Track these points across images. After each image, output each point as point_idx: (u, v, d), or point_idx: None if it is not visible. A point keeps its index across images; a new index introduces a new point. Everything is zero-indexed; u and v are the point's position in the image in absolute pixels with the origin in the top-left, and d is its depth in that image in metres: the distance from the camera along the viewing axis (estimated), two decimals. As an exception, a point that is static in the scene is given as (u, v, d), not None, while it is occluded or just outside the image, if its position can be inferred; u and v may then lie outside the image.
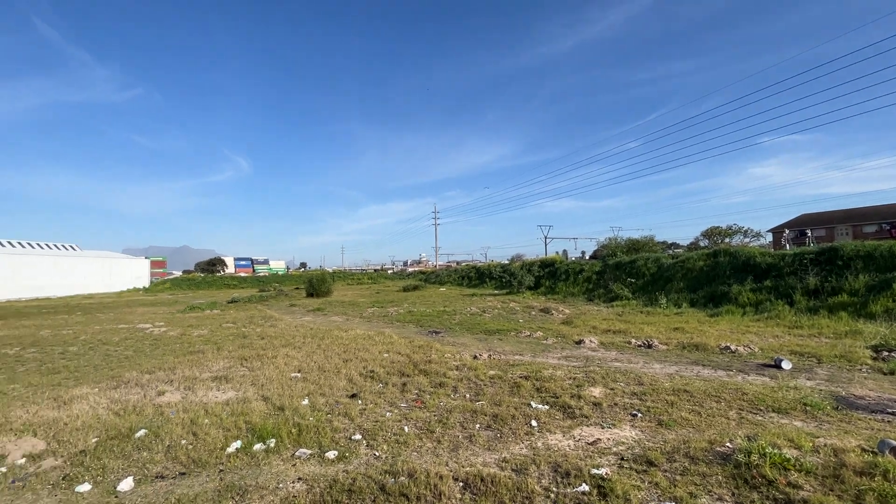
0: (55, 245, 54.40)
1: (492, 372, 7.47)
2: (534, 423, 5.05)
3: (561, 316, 16.13)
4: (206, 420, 5.36)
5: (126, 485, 3.86)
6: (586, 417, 5.21)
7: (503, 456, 4.21)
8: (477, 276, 40.81)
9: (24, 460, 4.47)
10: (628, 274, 22.93)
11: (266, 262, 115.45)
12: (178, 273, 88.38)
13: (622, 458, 4.04)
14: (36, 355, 10.44)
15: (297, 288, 39.96)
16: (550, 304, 20.33)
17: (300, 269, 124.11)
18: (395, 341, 10.64)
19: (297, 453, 4.42)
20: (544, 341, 10.90)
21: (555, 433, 4.78)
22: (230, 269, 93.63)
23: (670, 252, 30.68)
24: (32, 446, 4.77)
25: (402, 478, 3.73)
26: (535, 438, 4.64)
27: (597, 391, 6.21)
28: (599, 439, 4.53)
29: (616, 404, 5.66)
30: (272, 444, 4.60)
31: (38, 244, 51.75)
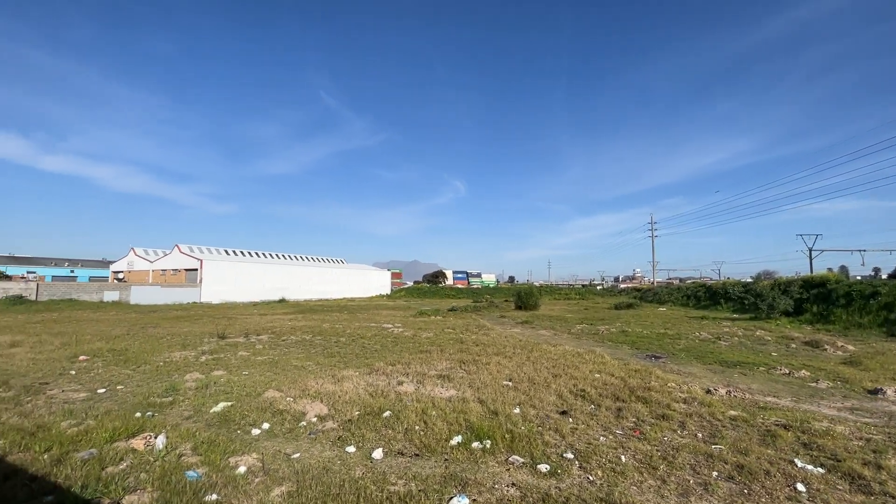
0: (330, 259, 71.90)
1: (732, 412, 6.18)
2: (800, 487, 3.93)
3: (840, 353, 12.19)
4: (434, 412, 6.10)
5: (378, 454, 4.73)
6: (893, 498, 3.75)
7: (754, 518, 3.41)
8: (707, 296, 34.70)
9: (315, 419, 5.99)
10: (967, 302, 15.67)
11: (479, 275, 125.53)
12: (410, 283, 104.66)
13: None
14: (321, 342, 13.91)
15: (507, 300, 41.91)
16: (821, 335, 15.59)
17: (508, 282, 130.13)
18: (608, 362, 9.96)
19: (510, 458, 4.58)
20: (813, 384, 8.41)
21: (836, 508, 3.60)
22: (449, 281, 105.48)
23: None
24: (320, 410, 6.34)
25: (621, 511, 3.43)
26: (804, 508, 3.60)
27: (911, 464, 4.41)
28: (920, 534, 3.19)
29: (951, 490, 3.90)
30: (488, 445, 4.90)
31: (320, 258, 69.43)
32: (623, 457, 4.62)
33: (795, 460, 4.49)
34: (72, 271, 73.84)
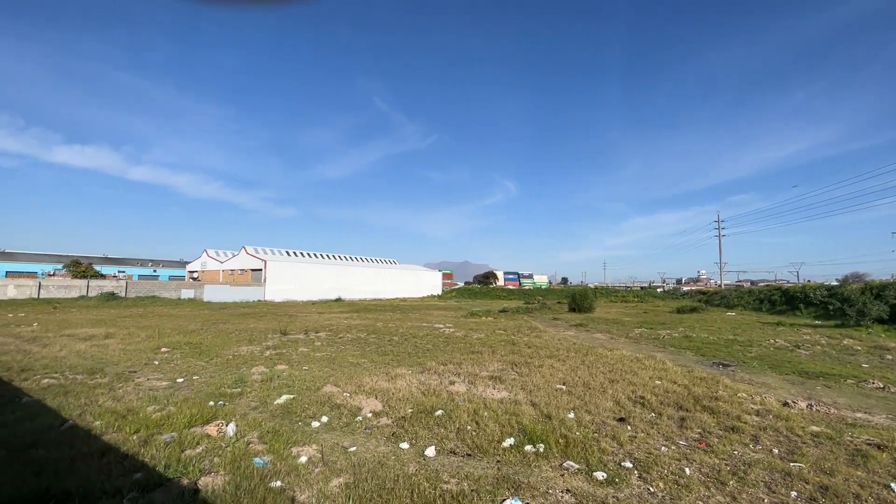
0: (383, 260, 73.78)
1: (815, 427, 5.64)
2: (898, 514, 3.51)
3: (947, 367, 10.71)
4: (485, 413, 6.09)
5: (430, 452, 4.80)
6: None
7: (841, 546, 3.09)
8: (784, 300, 31.85)
9: (370, 415, 6.18)
10: None
11: (530, 276, 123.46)
12: (461, 284, 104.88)
13: None
14: (375, 340, 14.32)
15: (560, 302, 40.89)
16: (923, 346, 13.79)
17: (561, 283, 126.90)
18: (670, 368, 9.43)
19: (564, 464, 4.47)
20: (913, 400, 7.47)
21: (944, 541, 3.18)
22: (500, 282, 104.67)
23: None
24: (375, 406, 6.53)
25: (685, 526, 3.24)
26: (903, 538, 3.21)
27: None
28: None
29: None
30: (541, 449, 4.82)
31: (374, 259, 71.45)
32: (687, 469, 4.36)
33: (892, 485, 4.01)
34: (154, 271, 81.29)
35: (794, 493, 3.89)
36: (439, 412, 6.12)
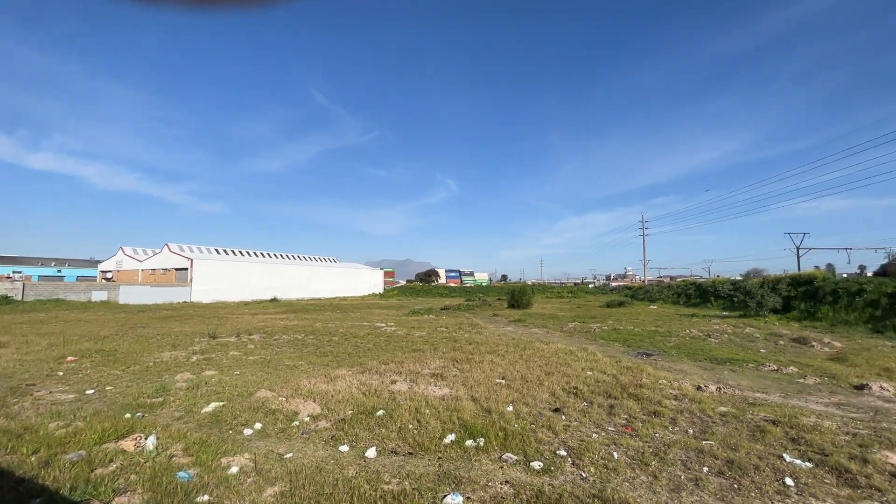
0: (322, 258, 71.53)
1: (722, 408, 6.26)
2: (789, 481, 3.99)
3: (826, 349, 12.39)
4: (427, 411, 6.10)
5: (371, 453, 4.72)
6: (879, 491, 3.82)
7: (743, 513, 3.46)
8: (697, 294, 35.10)
9: (308, 418, 5.95)
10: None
11: (472, 273, 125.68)
12: (403, 282, 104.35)
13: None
14: (313, 341, 13.84)
15: (499, 299, 42.03)
16: (808, 332, 15.84)
17: (501, 281, 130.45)
18: (600, 359, 10.03)
19: (503, 456, 4.60)
20: (800, 380, 8.54)
21: (824, 501, 3.67)
22: (442, 280, 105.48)
23: None
24: (313, 409, 6.31)
25: (613, 507, 3.46)
26: (793, 502, 3.66)
27: (896, 458, 4.50)
28: (905, 526, 3.26)
29: (935, 482, 3.98)
30: (481, 443, 4.92)
31: (312, 257, 69.05)
32: (615, 453, 4.66)
33: (784, 455, 4.56)
34: (59, 271, 72.69)
35: (705, 468, 4.30)
36: (380, 412, 6.04)
